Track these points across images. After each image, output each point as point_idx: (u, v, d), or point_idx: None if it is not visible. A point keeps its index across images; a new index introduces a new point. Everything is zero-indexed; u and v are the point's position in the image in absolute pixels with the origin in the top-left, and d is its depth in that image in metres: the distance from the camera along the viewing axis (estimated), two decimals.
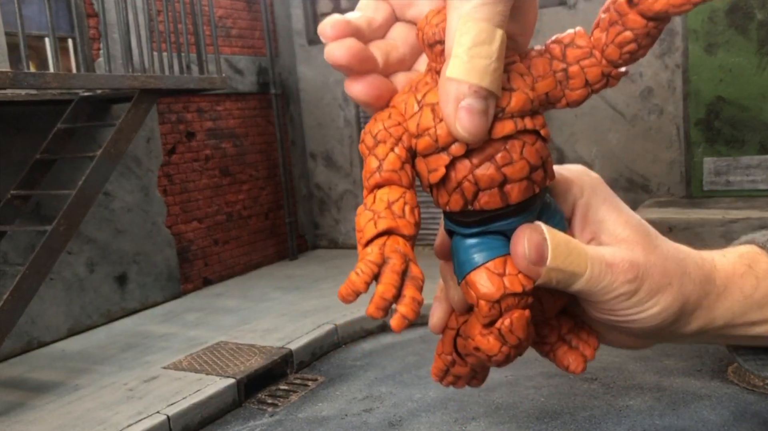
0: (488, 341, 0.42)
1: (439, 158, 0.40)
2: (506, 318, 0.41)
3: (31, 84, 4.46)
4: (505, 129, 0.39)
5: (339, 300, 0.38)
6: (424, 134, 0.40)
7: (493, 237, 0.42)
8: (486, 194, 0.40)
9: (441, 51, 0.39)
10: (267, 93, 8.53)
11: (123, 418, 4.25)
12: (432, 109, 0.40)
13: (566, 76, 0.42)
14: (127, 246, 6.71)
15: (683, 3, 0.38)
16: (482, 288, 0.41)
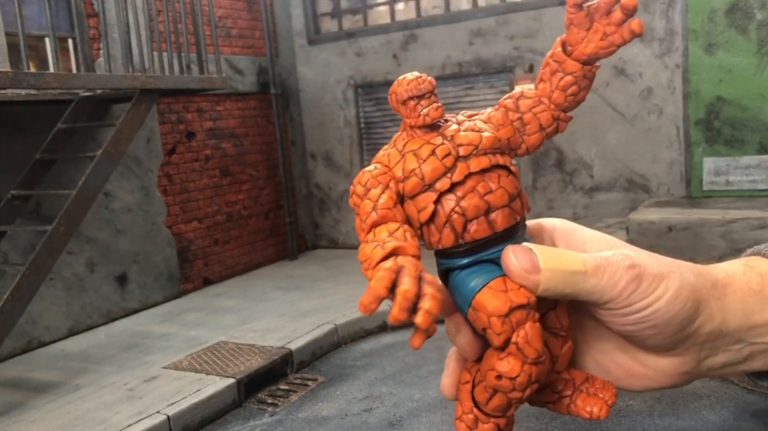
0: (508, 362, 0.43)
1: (427, 197, 0.44)
2: (521, 330, 0.42)
3: (32, 84, 4.47)
4: (481, 163, 0.44)
5: (361, 311, 0.40)
6: (411, 176, 0.44)
7: (486, 264, 0.45)
8: (474, 224, 0.44)
9: (414, 106, 0.44)
10: (267, 93, 8.53)
11: (123, 418, 4.25)
12: (414, 153, 0.44)
13: (522, 123, 0.47)
14: (128, 246, 6.71)
15: (608, 45, 0.45)
16: (490, 305, 0.43)
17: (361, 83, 8.65)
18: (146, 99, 5.48)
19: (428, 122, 0.45)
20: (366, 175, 0.45)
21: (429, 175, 0.43)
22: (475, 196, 0.44)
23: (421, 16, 8.28)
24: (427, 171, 0.43)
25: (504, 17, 7.54)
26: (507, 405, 0.45)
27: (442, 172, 0.44)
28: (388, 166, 0.45)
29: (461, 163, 0.44)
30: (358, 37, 8.58)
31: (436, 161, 0.44)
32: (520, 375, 0.42)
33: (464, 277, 0.44)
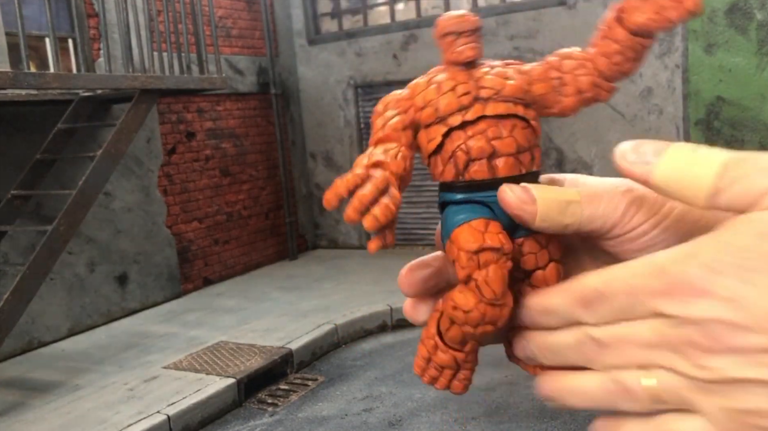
0: (464, 296, 0.43)
1: (438, 129, 0.45)
2: (483, 270, 0.43)
3: (32, 84, 4.47)
4: (498, 109, 0.45)
5: (324, 205, 0.41)
6: (428, 105, 0.45)
7: (477, 205, 0.45)
8: (476, 164, 0.45)
9: (451, 42, 0.45)
10: (267, 93, 8.53)
11: (123, 418, 4.25)
12: (437, 86, 0.45)
13: (561, 83, 0.47)
14: (128, 246, 6.71)
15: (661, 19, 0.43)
16: (463, 240, 0.44)
17: (361, 83, 8.65)
18: (146, 99, 5.48)
19: (461, 59, 0.45)
20: (391, 96, 0.47)
21: (444, 108, 0.45)
22: (483, 138, 0.44)
23: (421, 16, 8.28)
24: (442, 104, 0.45)
25: (504, 17, 7.54)
26: (462, 339, 0.46)
27: (457, 108, 0.44)
28: (413, 93, 0.46)
29: (478, 104, 0.45)
30: (358, 37, 8.58)
31: (453, 96, 0.45)
32: (473, 311, 0.43)
33: (453, 211, 0.45)
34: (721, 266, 0.33)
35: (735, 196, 0.35)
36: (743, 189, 0.35)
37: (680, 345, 0.35)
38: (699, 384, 0.35)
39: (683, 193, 0.37)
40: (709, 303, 0.33)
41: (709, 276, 0.33)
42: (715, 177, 0.35)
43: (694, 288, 0.34)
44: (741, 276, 0.33)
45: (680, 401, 0.36)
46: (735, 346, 0.33)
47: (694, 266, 0.34)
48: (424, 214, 8.65)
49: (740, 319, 0.33)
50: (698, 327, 0.34)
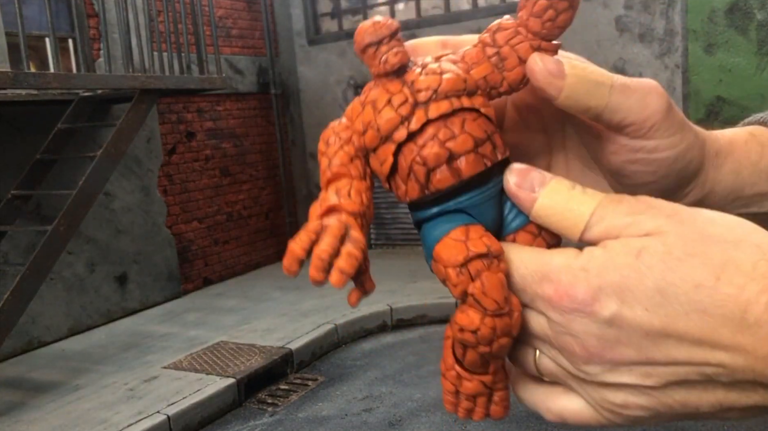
0: (467, 315, 0.40)
1: (386, 148, 0.42)
2: (477, 281, 0.40)
3: (32, 84, 4.47)
4: (441, 108, 0.41)
5: (285, 273, 0.39)
6: (368, 128, 0.42)
7: (452, 214, 0.42)
8: (437, 173, 0.41)
9: (373, 53, 0.42)
10: (267, 93, 8.53)
11: (123, 418, 4.25)
12: (372, 105, 0.42)
13: (500, 57, 0.44)
14: (128, 246, 6.71)
15: None
16: (446, 255, 0.41)
17: (362, 83, 8.65)
18: (146, 99, 5.48)
19: (388, 69, 0.42)
20: (329, 130, 0.43)
21: (384, 126, 0.41)
22: (435, 144, 0.41)
23: (421, 16, 8.28)
24: (381, 122, 0.41)
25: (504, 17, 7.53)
26: (482, 361, 0.42)
27: (398, 122, 0.41)
28: (351, 119, 0.43)
29: (419, 110, 0.41)
30: None
31: (391, 111, 0.41)
32: (480, 328, 0.40)
33: (429, 228, 0.42)
34: (605, 284, 0.36)
35: (602, 232, 0.39)
36: (608, 225, 0.38)
37: (560, 348, 0.39)
38: (576, 377, 0.39)
39: (559, 224, 0.40)
40: (589, 321, 0.37)
41: (592, 295, 0.37)
42: (589, 216, 0.39)
43: (577, 303, 0.37)
44: (619, 296, 0.36)
45: (562, 382, 0.41)
46: (608, 359, 0.37)
47: (582, 282, 0.37)
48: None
49: (614, 336, 0.36)
50: (577, 340, 0.37)
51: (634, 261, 0.36)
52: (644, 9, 6.89)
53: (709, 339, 0.34)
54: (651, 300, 0.35)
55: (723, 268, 0.35)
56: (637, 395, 0.38)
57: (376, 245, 9.04)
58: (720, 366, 0.35)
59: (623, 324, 0.36)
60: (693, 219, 0.37)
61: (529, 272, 0.40)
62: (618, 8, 7.03)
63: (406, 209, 0.46)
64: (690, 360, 0.35)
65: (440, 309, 6.03)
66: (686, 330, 0.35)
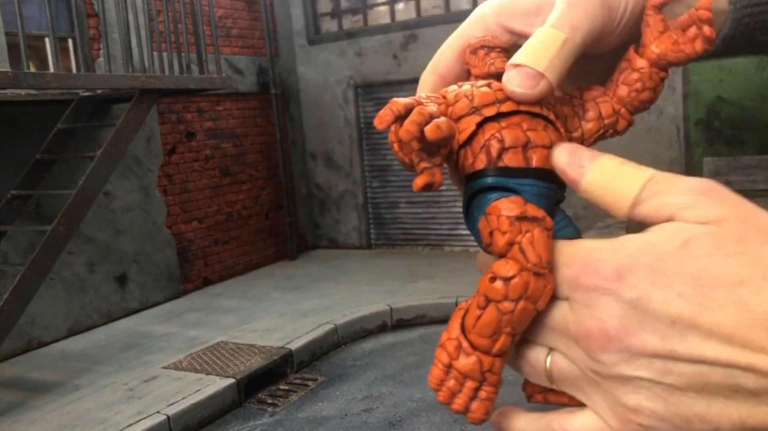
0: (506, 263, 0.40)
1: (471, 119, 0.44)
2: (527, 233, 0.40)
3: (32, 84, 4.47)
4: (532, 107, 0.44)
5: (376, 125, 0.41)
6: (462, 98, 0.45)
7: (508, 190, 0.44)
8: (510, 152, 0.44)
9: (483, 56, 0.46)
10: (267, 93, 8.53)
11: (123, 418, 4.25)
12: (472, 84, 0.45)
13: (582, 106, 0.48)
14: (127, 246, 6.71)
15: (679, 52, 0.45)
16: (503, 207, 0.41)
17: (361, 83, 8.65)
18: (146, 99, 5.48)
19: (492, 71, 0.46)
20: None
21: (479, 98, 0.44)
22: (518, 129, 0.44)
23: (421, 16, 8.28)
24: (477, 95, 0.44)
25: None
26: (496, 325, 0.40)
27: (492, 100, 0.44)
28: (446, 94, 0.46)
29: (511, 101, 0.44)
30: (358, 37, 8.58)
31: (489, 90, 0.45)
32: (516, 277, 0.39)
33: (486, 195, 0.44)
34: (636, 264, 0.34)
35: (653, 208, 0.37)
36: (662, 202, 0.36)
37: (579, 334, 0.36)
38: (590, 376, 0.36)
39: (608, 199, 0.39)
40: (612, 301, 0.34)
41: (620, 273, 0.35)
42: (640, 189, 0.37)
43: (602, 279, 0.35)
44: (651, 278, 0.34)
45: (574, 387, 0.38)
46: (627, 344, 0.34)
47: (611, 259, 0.35)
48: (424, 214, 8.65)
49: (638, 320, 0.34)
50: (597, 322, 0.35)
51: (677, 250, 0.34)
52: None
53: (742, 337, 0.32)
54: (687, 287, 0.33)
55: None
56: (653, 399, 0.34)
57: (376, 245, 9.04)
58: (749, 370, 0.32)
59: (650, 306, 0.34)
60: (754, 214, 0.35)
61: (559, 256, 0.38)
62: None
63: (406, 209, 0.48)
64: (716, 359, 0.33)
65: (440, 309, 6.03)
66: (719, 324, 0.32)
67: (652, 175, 0.38)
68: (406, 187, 8.55)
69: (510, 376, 0.47)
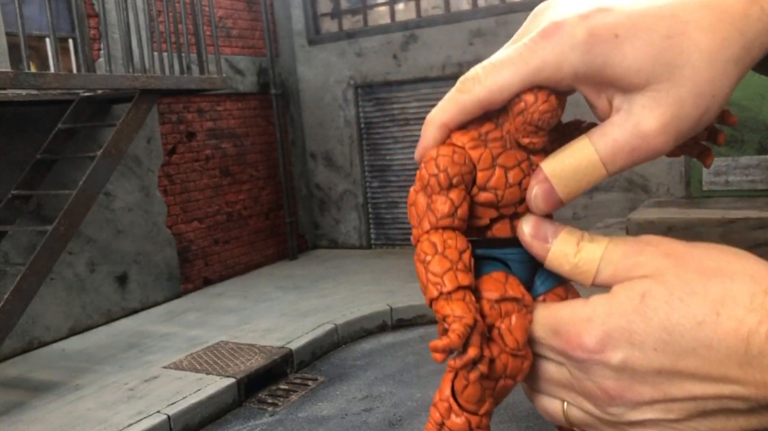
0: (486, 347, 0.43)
1: (490, 212, 0.46)
2: (506, 319, 0.44)
3: (32, 84, 4.47)
4: None
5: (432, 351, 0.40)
6: (491, 190, 0.45)
7: (494, 262, 0.46)
8: (499, 223, 0.46)
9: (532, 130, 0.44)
10: (267, 93, 8.53)
11: (123, 418, 4.26)
12: (504, 172, 0.45)
13: None
14: (128, 246, 6.72)
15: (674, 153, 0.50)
16: (484, 289, 0.44)
17: (361, 83, 8.65)
18: (146, 99, 5.48)
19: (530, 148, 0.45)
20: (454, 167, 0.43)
21: (506, 199, 0.45)
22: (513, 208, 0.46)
23: (421, 16, 8.28)
24: (506, 196, 0.45)
25: (504, 17, 7.54)
26: (480, 397, 0.45)
27: (516, 201, 0.45)
28: (474, 164, 0.44)
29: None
30: (358, 37, 8.58)
31: (517, 191, 0.45)
32: (496, 359, 0.43)
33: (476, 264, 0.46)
34: (611, 330, 0.39)
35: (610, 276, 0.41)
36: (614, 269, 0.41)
37: (584, 394, 0.41)
38: (605, 422, 0.41)
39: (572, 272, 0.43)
40: (602, 367, 0.39)
41: (601, 343, 0.39)
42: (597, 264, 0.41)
43: (588, 353, 0.39)
44: (627, 339, 0.38)
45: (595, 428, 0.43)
46: (628, 399, 0.39)
47: (589, 331, 0.39)
48: None
49: (629, 378, 0.39)
50: (597, 385, 0.40)
51: (639, 305, 0.38)
52: None
53: (718, 374, 0.36)
54: (658, 340, 0.37)
55: (722, 303, 0.36)
56: (665, 428, 0.39)
57: (376, 245, 9.05)
58: (735, 398, 0.36)
59: (635, 365, 0.38)
60: (690, 256, 0.39)
61: (542, 325, 0.43)
62: None
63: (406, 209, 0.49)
64: (705, 395, 0.37)
65: None
66: (695, 367, 0.36)
67: (605, 246, 0.42)
68: (406, 187, 8.55)
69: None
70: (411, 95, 8.36)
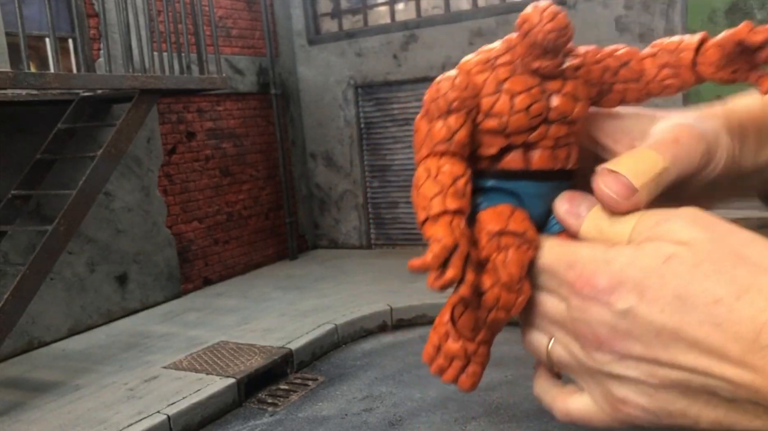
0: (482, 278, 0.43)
1: (498, 141, 0.44)
2: (502, 252, 0.43)
3: (32, 84, 4.47)
4: (559, 132, 0.45)
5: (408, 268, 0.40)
6: (494, 116, 0.43)
7: (506, 194, 0.45)
8: (510, 154, 0.44)
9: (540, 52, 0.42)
10: (267, 93, 8.53)
11: (123, 418, 4.26)
12: (511, 97, 0.43)
13: (610, 89, 0.47)
14: (128, 246, 6.72)
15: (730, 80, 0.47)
16: (486, 221, 0.43)
17: (361, 83, 8.65)
18: (146, 99, 5.48)
19: (543, 73, 0.43)
20: (453, 92, 0.43)
21: (512, 126, 0.43)
22: None
23: (421, 16, 8.28)
24: (512, 122, 0.43)
25: (504, 17, 7.54)
26: (473, 325, 0.45)
27: (526, 128, 0.43)
28: (478, 90, 0.43)
29: (543, 126, 0.44)
30: (358, 37, 8.58)
31: (525, 117, 0.43)
32: (487, 292, 0.43)
33: (481, 197, 0.45)
34: (626, 278, 0.38)
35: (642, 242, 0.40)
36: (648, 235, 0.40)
37: (575, 334, 0.41)
38: (586, 366, 0.41)
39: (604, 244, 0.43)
40: (605, 310, 0.38)
41: (612, 286, 0.38)
42: (630, 233, 0.41)
43: (597, 291, 0.39)
44: (639, 292, 0.38)
45: (572, 372, 0.43)
46: (616, 349, 0.39)
47: (604, 272, 0.39)
48: None
49: (626, 329, 0.38)
50: (590, 327, 0.39)
51: (660, 266, 0.38)
52: (644, 9, 6.89)
53: (718, 351, 0.35)
54: (669, 303, 0.37)
55: (747, 290, 0.35)
56: (639, 394, 0.39)
57: (376, 245, 9.05)
58: (723, 380, 0.36)
59: (637, 318, 0.37)
60: (729, 236, 0.38)
61: (558, 258, 0.42)
62: (618, 8, 7.03)
63: (406, 209, 0.48)
64: (694, 368, 0.36)
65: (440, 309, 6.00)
66: (697, 338, 0.36)
67: (638, 217, 0.42)
68: (406, 187, 8.55)
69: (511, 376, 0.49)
70: (411, 95, 8.36)
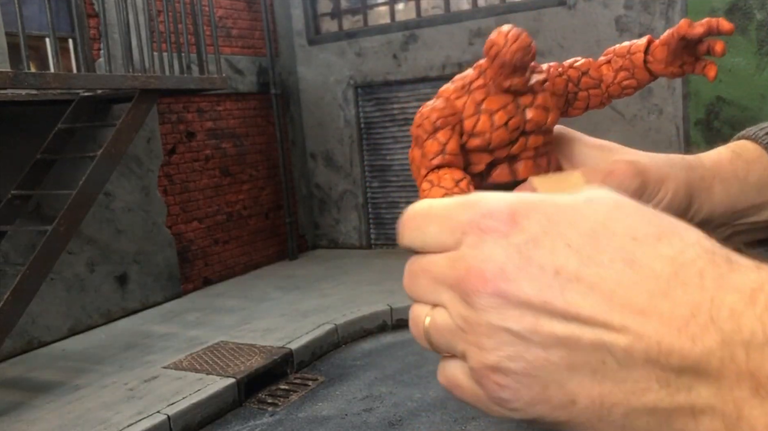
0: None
1: (483, 157, 0.47)
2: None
3: (32, 84, 4.47)
4: (537, 142, 0.48)
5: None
6: (478, 135, 0.46)
7: None
8: (498, 169, 0.48)
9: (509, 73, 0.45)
10: (267, 93, 8.53)
11: (123, 418, 4.26)
12: (490, 116, 0.46)
13: (575, 98, 0.52)
14: (128, 246, 6.72)
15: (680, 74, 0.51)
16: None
17: (361, 83, 8.65)
18: (146, 99, 5.48)
19: (514, 90, 0.47)
20: (435, 113, 0.46)
21: (495, 141, 0.46)
22: None
23: (421, 16, 8.28)
24: (494, 138, 0.46)
25: (504, 17, 7.54)
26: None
27: (507, 142, 0.47)
28: (456, 109, 0.47)
29: (522, 138, 0.47)
30: (358, 37, 8.58)
31: (505, 132, 0.46)
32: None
33: None
34: (534, 210, 0.33)
35: None
36: None
37: (458, 278, 0.34)
38: (460, 325, 0.34)
39: None
40: (499, 244, 0.33)
41: (515, 215, 0.33)
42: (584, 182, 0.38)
43: (498, 222, 0.33)
44: (545, 224, 0.32)
45: (445, 342, 0.36)
46: (502, 291, 0.32)
47: (507, 204, 0.34)
48: None
49: (518, 267, 0.32)
50: (477, 263, 0.33)
51: (580, 204, 0.33)
52: (644, 9, 6.89)
53: (623, 296, 0.30)
54: (578, 239, 0.32)
55: (669, 234, 0.32)
56: (514, 359, 0.32)
57: (376, 245, 9.04)
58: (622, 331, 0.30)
59: (535, 253, 0.32)
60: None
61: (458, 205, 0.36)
62: (618, 8, 7.03)
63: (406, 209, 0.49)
64: (591, 317, 0.31)
65: None
66: (602, 278, 0.31)
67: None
68: (406, 186, 8.56)
69: None
70: (411, 95, 8.36)
